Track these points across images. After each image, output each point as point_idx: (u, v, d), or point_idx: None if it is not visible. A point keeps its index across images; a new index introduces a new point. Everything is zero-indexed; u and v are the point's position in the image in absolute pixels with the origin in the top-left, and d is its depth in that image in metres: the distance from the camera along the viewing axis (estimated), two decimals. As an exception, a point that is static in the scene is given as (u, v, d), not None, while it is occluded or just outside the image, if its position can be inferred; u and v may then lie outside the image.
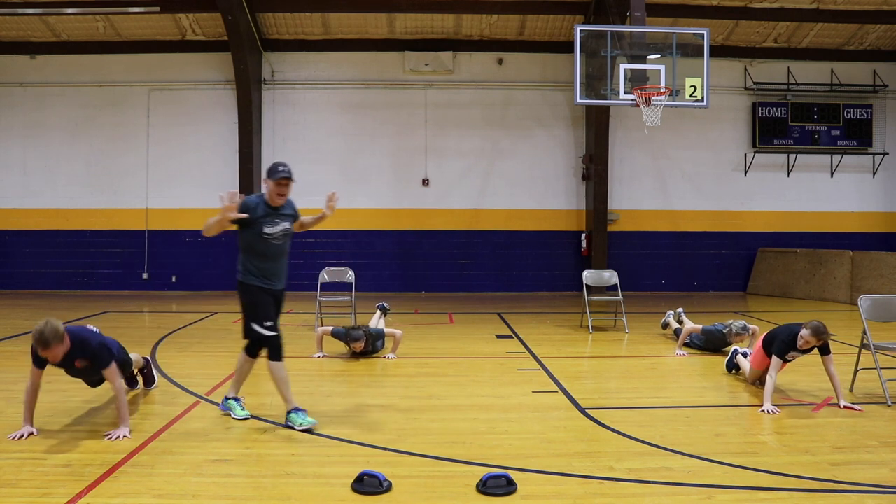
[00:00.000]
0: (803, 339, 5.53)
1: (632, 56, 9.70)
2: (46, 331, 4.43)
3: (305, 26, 14.93)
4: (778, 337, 5.75)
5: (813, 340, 5.50)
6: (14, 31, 14.79)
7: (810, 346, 5.55)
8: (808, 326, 5.52)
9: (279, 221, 5.08)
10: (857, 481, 3.98)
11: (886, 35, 15.30)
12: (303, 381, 6.68)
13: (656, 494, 3.80)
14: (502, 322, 10.73)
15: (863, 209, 15.85)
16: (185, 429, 4.98)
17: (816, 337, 5.48)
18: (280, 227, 5.08)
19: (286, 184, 5.01)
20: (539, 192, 15.39)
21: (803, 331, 5.53)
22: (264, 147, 15.16)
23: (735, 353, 6.86)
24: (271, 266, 5.14)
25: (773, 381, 5.60)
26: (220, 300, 13.67)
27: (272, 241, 5.07)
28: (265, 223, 5.03)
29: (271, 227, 5.04)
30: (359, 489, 3.81)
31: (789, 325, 5.81)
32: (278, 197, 5.02)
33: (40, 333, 4.43)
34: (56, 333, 4.46)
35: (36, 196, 15.16)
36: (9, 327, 9.85)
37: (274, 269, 5.16)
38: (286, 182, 5.00)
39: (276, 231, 5.06)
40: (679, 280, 15.49)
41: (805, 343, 5.53)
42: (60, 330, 4.50)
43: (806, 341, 5.52)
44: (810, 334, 5.49)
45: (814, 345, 5.54)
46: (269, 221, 5.04)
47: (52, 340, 4.44)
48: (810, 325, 5.52)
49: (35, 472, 4.05)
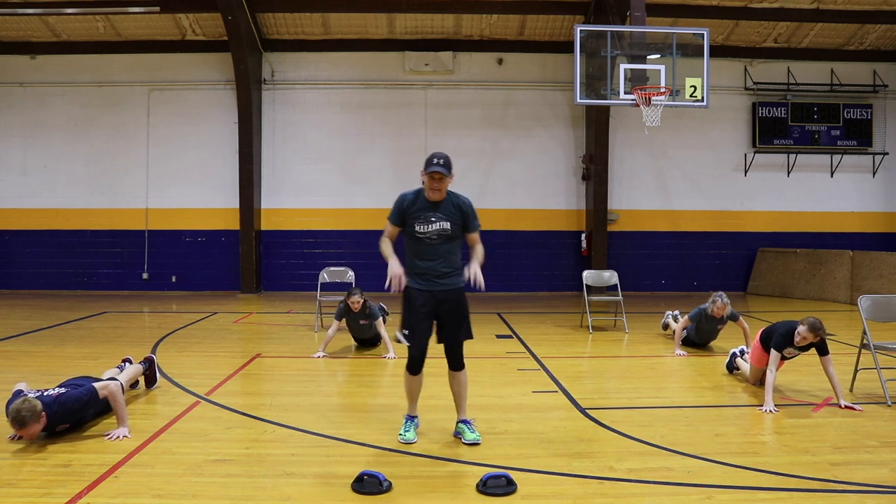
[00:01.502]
0: (800, 335, 5.53)
1: (632, 56, 9.70)
2: (24, 409, 4.27)
3: (305, 26, 14.93)
4: (777, 331, 5.77)
5: (810, 336, 5.50)
6: (14, 32, 14.79)
7: (807, 342, 5.54)
8: (805, 322, 5.53)
9: (434, 220, 4.51)
10: (857, 481, 3.98)
11: (886, 35, 15.30)
12: (303, 381, 6.69)
13: (656, 494, 3.80)
14: (502, 322, 10.73)
15: (863, 209, 15.85)
16: (185, 429, 4.98)
17: (813, 333, 5.48)
18: (434, 227, 4.52)
19: (439, 178, 4.43)
20: (539, 192, 15.39)
21: (800, 327, 5.54)
22: (264, 147, 15.17)
23: (735, 354, 6.87)
24: (428, 266, 4.58)
25: (773, 377, 5.60)
26: (220, 300, 13.68)
27: (426, 241, 4.54)
28: (417, 220, 4.53)
29: (423, 226, 4.52)
30: (359, 489, 3.81)
31: (787, 320, 5.82)
32: (432, 192, 4.47)
33: (17, 412, 4.26)
34: (33, 412, 4.30)
35: (36, 196, 15.16)
36: (9, 327, 9.84)
37: (432, 268, 4.58)
38: (439, 177, 4.42)
39: (429, 230, 4.52)
40: (679, 280, 15.49)
41: (801, 339, 5.53)
42: (38, 408, 4.33)
43: (803, 337, 5.52)
44: (807, 330, 5.49)
45: (811, 341, 5.53)
46: (423, 218, 4.52)
47: (28, 420, 4.28)
48: (807, 322, 5.53)
49: (35, 472, 4.05)
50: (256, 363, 7.49)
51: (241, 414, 5.37)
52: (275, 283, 15.20)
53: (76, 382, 5.01)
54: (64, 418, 4.59)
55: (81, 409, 4.70)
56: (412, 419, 4.79)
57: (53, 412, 4.49)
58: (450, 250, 4.59)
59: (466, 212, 4.59)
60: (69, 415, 4.62)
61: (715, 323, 7.90)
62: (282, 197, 15.23)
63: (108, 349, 8.12)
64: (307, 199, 15.27)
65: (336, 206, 15.22)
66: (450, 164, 4.48)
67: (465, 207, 4.59)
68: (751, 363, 6.32)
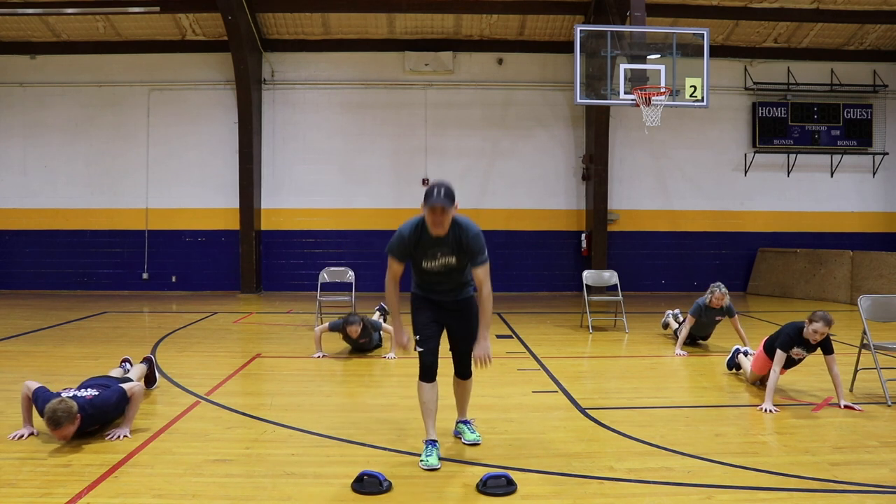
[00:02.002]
0: (813, 330, 5.45)
1: (632, 56, 9.70)
2: (60, 409, 4.26)
3: (305, 26, 14.93)
4: (783, 332, 5.72)
5: (826, 329, 5.44)
6: (14, 32, 14.79)
7: (822, 336, 5.47)
8: (817, 318, 5.46)
9: (440, 255, 4.22)
10: (857, 481, 3.98)
11: (886, 35, 15.30)
12: (303, 381, 6.69)
13: (656, 494, 3.80)
14: (502, 322, 10.72)
15: (863, 209, 15.85)
16: (185, 429, 4.98)
17: (828, 325, 5.43)
18: (440, 262, 4.26)
19: (441, 210, 4.02)
20: (539, 192, 15.39)
21: (814, 324, 5.46)
22: (264, 147, 15.17)
23: (736, 351, 6.86)
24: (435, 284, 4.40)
25: (776, 376, 5.59)
26: (220, 300, 13.68)
27: (434, 273, 4.33)
28: (423, 255, 4.25)
29: (428, 262, 4.25)
30: (359, 489, 3.81)
31: (792, 322, 5.80)
32: (434, 226, 4.08)
33: (53, 412, 4.24)
34: (69, 413, 4.30)
35: (36, 196, 15.16)
36: (9, 327, 9.84)
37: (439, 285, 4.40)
38: (441, 209, 4.02)
39: (435, 265, 4.27)
40: (679, 280, 15.49)
41: (814, 333, 5.45)
42: (74, 409, 4.32)
43: (820, 332, 5.44)
44: (822, 325, 5.43)
45: (825, 334, 5.47)
46: (427, 254, 4.23)
47: (63, 420, 4.29)
48: (818, 315, 5.46)
49: (35, 472, 4.05)
50: (256, 363, 7.49)
51: (241, 414, 5.37)
52: (275, 283, 15.20)
53: (102, 383, 5.00)
54: (95, 420, 4.62)
55: (112, 410, 4.72)
56: (433, 443, 4.28)
57: (88, 414, 4.52)
58: (458, 275, 4.37)
59: (470, 246, 4.20)
60: (100, 417, 4.65)
61: (713, 314, 7.95)
62: (282, 197, 15.24)
63: (108, 349, 8.12)
64: (307, 199, 15.27)
65: (336, 206, 15.22)
66: (452, 193, 4.06)
67: (470, 240, 4.19)
68: (752, 371, 6.29)
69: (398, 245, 4.25)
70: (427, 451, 4.25)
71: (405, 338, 4.34)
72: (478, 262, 4.23)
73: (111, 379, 5.23)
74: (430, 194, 4.04)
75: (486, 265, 4.26)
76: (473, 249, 4.20)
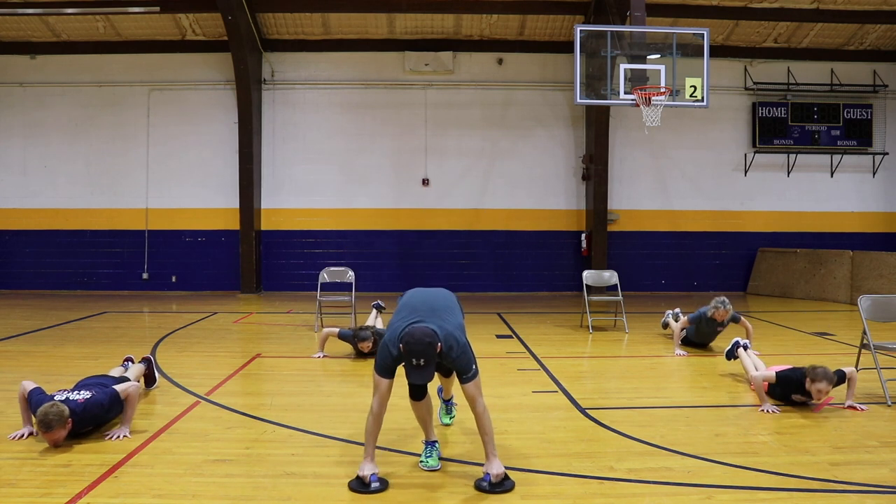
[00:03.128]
0: (817, 390, 5.27)
1: (632, 56, 9.69)
2: (51, 413, 4.33)
3: (305, 26, 14.93)
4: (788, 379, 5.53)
5: (829, 388, 5.30)
6: (14, 31, 14.79)
7: (825, 395, 5.34)
8: (818, 377, 5.25)
9: (424, 367, 3.79)
10: (857, 481, 3.98)
11: (886, 35, 15.30)
12: (303, 381, 6.69)
13: (656, 494, 3.80)
14: (502, 322, 10.72)
15: (863, 209, 15.85)
16: (186, 429, 4.98)
17: (830, 384, 5.28)
18: (424, 373, 3.84)
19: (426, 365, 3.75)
20: (539, 192, 15.40)
21: (817, 384, 5.24)
22: (264, 147, 15.17)
23: (736, 344, 6.77)
24: None
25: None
26: (220, 300, 13.68)
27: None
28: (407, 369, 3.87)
29: (412, 374, 3.85)
30: (357, 489, 3.81)
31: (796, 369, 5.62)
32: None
33: (44, 415, 4.32)
34: (61, 417, 4.36)
35: (36, 196, 15.16)
36: (9, 327, 9.84)
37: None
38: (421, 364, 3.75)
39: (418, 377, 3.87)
40: (679, 280, 15.49)
41: (819, 393, 5.28)
42: (66, 414, 4.39)
43: (819, 391, 5.27)
44: (826, 385, 5.23)
45: (828, 392, 5.33)
46: (412, 365, 3.79)
47: (54, 424, 4.34)
48: (819, 374, 5.26)
49: (35, 472, 4.05)
50: (256, 363, 7.49)
51: (241, 414, 5.38)
52: (275, 283, 15.20)
53: (99, 382, 5.03)
54: (87, 423, 4.64)
55: (105, 413, 4.74)
56: (432, 444, 4.27)
57: (79, 419, 4.54)
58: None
59: (456, 365, 3.91)
60: (93, 419, 4.67)
61: (714, 325, 7.94)
62: (282, 197, 15.24)
63: (108, 349, 8.12)
64: (307, 199, 15.27)
65: (336, 206, 15.22)
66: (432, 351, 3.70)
67: (454, 361, 3.88)
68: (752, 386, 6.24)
69: (382, 359, 3.92)
70: (427, 452, 4.25)
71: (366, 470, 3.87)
72: (465, 380, 3.89)
73: (108, 378, 5.24)
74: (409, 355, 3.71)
75: (476, 380, 3.90)
76: (459, 364, 3.89)
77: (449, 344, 3.84)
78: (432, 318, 3.90)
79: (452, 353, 3.85)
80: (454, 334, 3.88)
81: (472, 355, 3.93)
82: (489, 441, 3.88)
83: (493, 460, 3.85)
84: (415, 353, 3.70)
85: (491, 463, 3.85)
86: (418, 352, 3.69)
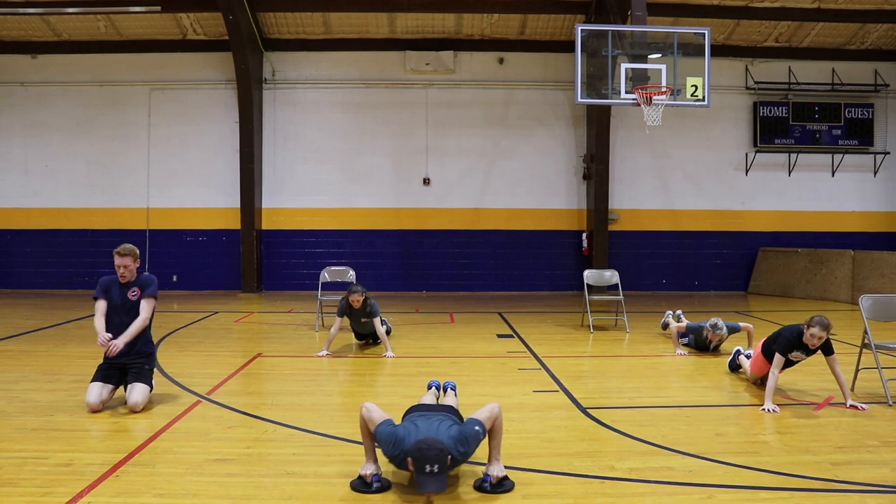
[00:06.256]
0: (813, 336, 5.44)
1: (633, 55, 9.68)
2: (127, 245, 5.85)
3: (306, 26, 14.93)
4: (782, 335, 5.72)
5: (824, 334, 5.43)
6: (15, 31, 14.79)
7: (820, 340, 5.46)
8: (814, 323, 5.45)
9: None
10: (858, 481, 3.97)
11: (887, 34, 15.29)
12: (304, 381, 6.69)
13: (657, 494, 3.80)
14: (503, 321, 10.72)
15: (864, 209, 15.83)
16: (186, 428, 4.98)
17: (826, 330, 5.42)
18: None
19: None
20: (540, 192, 15.39)
21: (811, 328, 5.45)
22: (265, 146, 15.17)
23: (738, 353, 6.86)
24: None
25: (775, 379, 5.59)
26: (221, 299, 13.68)
27: None
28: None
29: None
30: (359, 488, 3.81)
31: (789, 325, 5.79)
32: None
33: (122, 245, 5.80)
34: (133, 250, 5.85)
35: (37, 195, 15.16)
36: (9, 327, 9.84)
37: None
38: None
39: None
40: (680, 280, 15.48)
41: (816, 339, 5.44)
42: (137, 252, 5.89)
43: (818, 337, 5.43)
44: (819, 329, 5.42)
45: (823, 338, 5.45)
46: None
47: (126, 252, 5.77)
48: (815, 321, 5.46)
49: (36, 472, 4.05)
50: (257, 363, 7.49)
51: (242, 413, 5.38)
52: (276, 283, 15.21)
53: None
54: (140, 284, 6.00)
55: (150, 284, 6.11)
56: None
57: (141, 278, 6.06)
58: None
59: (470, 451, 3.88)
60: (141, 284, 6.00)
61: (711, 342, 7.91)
62: (283, 196, 15.24)
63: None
64: (308, 199, 15.27)
65: (337, 205, 15.22)
66: (444, 467, 3.59)
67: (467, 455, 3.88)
68: (751, 371, 6.29)
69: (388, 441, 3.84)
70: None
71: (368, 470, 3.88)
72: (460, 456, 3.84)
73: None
74: (421, 471, 3.55)
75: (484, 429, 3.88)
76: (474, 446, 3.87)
77: (459, 450, 3.77)
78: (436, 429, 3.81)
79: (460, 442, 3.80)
80: (456, 438, 3.80)
81: (475, 435, 3.83)
82: (496, 445, 3.95)
83: (496, 463, 3.91)
84: (424, 459, 3.55)
85: (493, 465, 3.90)
86: (430, 456, 3.55)
